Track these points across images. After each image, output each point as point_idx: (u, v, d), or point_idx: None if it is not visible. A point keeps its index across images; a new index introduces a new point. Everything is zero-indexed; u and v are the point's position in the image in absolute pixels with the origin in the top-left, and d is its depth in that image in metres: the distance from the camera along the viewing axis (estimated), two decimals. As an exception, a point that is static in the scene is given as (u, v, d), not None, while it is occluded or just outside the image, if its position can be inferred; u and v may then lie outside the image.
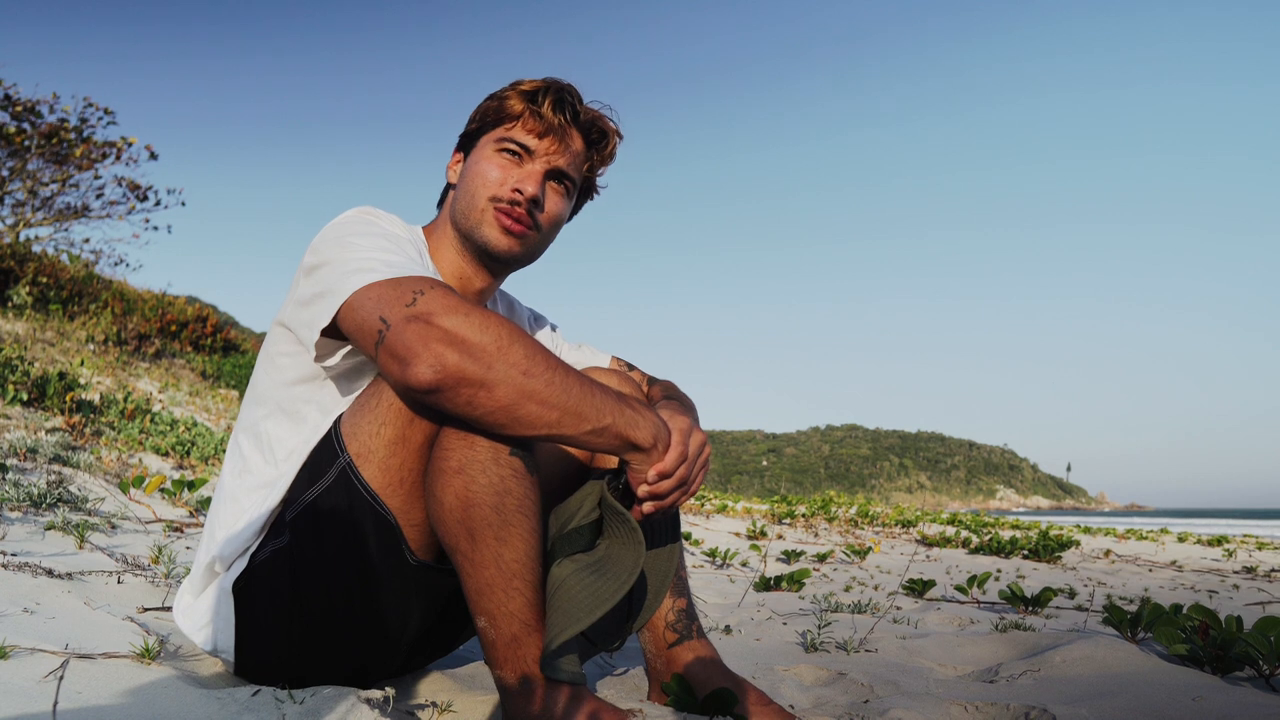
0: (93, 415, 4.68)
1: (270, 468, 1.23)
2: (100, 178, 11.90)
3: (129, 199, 12.20)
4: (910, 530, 8.93)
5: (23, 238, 11.21)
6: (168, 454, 4.46)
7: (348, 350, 1.15)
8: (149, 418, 5.06)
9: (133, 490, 3.19)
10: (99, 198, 12.08)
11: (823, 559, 5.44)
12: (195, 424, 5.41)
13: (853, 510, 9.60)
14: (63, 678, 1.08)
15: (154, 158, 12.17)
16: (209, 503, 3.19)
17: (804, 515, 8.69)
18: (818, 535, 7.72)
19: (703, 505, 8.31)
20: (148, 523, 2.83)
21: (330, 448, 1.14)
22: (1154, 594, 4.49)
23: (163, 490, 3.36)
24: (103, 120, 11.70)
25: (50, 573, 1.71)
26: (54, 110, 11.22)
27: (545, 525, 1.11)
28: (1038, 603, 2.96)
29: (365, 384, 1.22)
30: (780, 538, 7.01)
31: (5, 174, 11.12)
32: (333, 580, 1.15)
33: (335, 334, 1.12)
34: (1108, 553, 8.27)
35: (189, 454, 4.51)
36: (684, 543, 4.98)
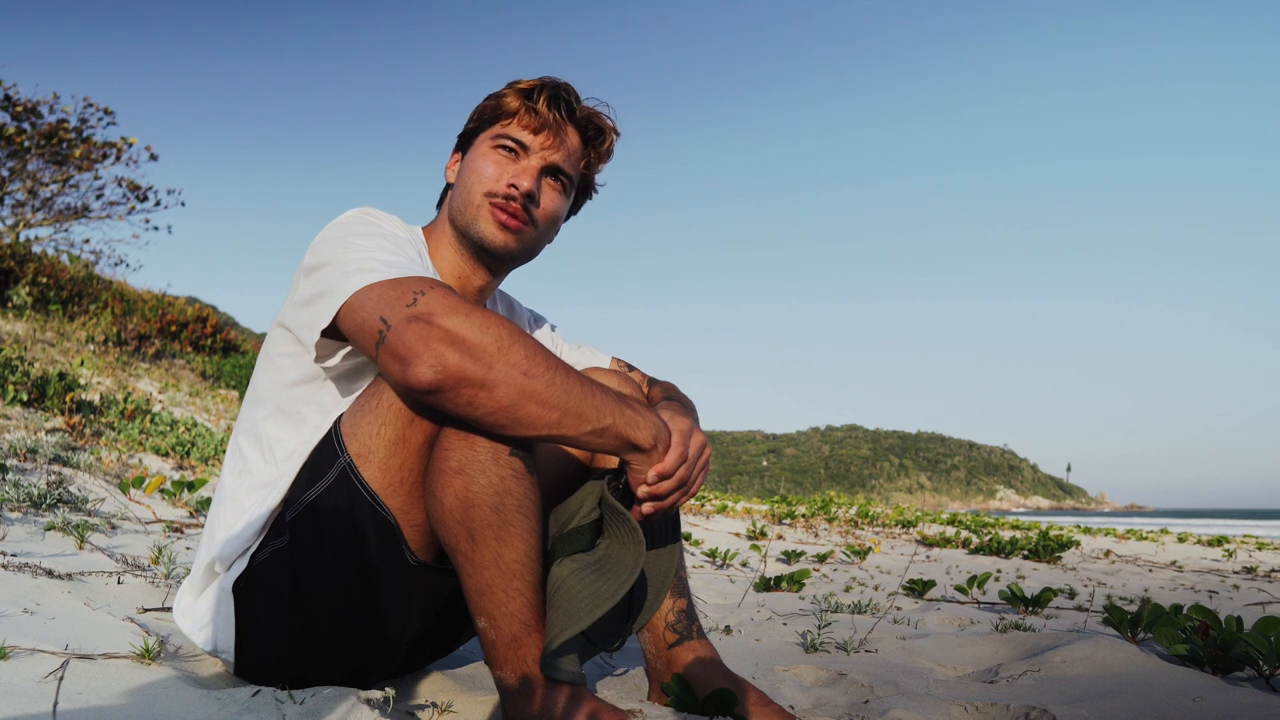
0: (93, 416, 4.68)
1: (270, 468, 1.23)
2: (100, 178, 11.91)
3: (129, 199, 12.21)
4: (910, 531, 8.93)
5: (23, 238, 11.21)
6: (168, 454, 4.46)
7: (348, 351, 1.15)
8: (149, 418, 5.06)
9: (133, 491, 3.19)
10: (99, 198, 12.08)
11: (823, 559, 5.43)
12: (195, 424, 5.41)
13: (853, 511, 9.60)
14: (63, 678, 1.08)
15: (154, 158, 12.18)
16: (209, 503, 3.19)
17: (804, 516, 8.69)
18: (818, 535, 7.71)
19: (703, 505, 8.31)
20: (148, 523, 2.83)
21: (330, 448, 1.14)
22: (1154, 594, 4.49)
23: (163, 491, 3.36)
24: (103, 120, 11.71)
25: (50, 573, 1.71)
26: (54, 110, 11.23)
27: (545, 525, 1.11)
28: (1038, 603, 2.96)
29: (365, 385, 1.22)
30: (780, 538, 7.01)
31: (5, 174, 11.12)
32: (333, 580, 1.15)
33: (335, 334, 1.12)
34: (1108, 553, 8.27)
35: (189, 454, 4.51)
36: (684, 543, 4.98)
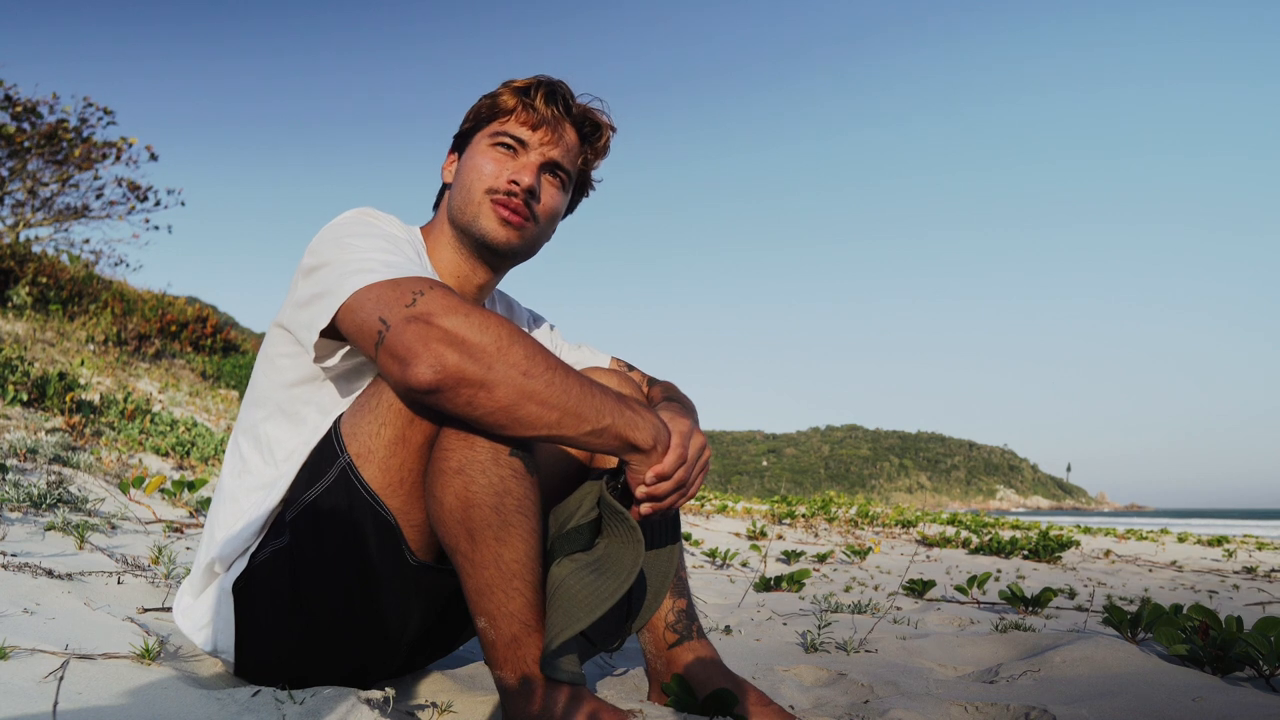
0: (93, 415, 4.68)
1: (270, 468, 1.23)
2: (100, 178, 11.91)
3: (129, 199, 12.21)
4: (910, 530, 8.93)
5: (23, 238, 11.21)
6: (168, 454, 4.46)
7: (347, 351, 1.15)
8: (149, 418, 5.06)
9: (133, 491, 3.19)
10: (99, 198, 12.08)
11: (823, 559, 5.43)
12: (195, 424, 5.41)
13: (853, 510, 9.60)
14: (63, 678, 1.08)
15: (154, 158, 12.18)
16: (209, 503, 3.19)
17: (804, 515, 8.69)
18: (818, 535, 7.71)
19: (703, 505, 8.31)
20: (148, 523, 2.83)
21: (330, 448, 1.14)
22: (1154, 594, 4.49)
23: (163, 491, 3.36)
24: (102, 120, 11.71)
25: (50, 573, 1.71)
26: (54, 110, 11.23)
27: (545, 525, 1.11)
28: (1038, 603, 2.96)
29: (364, 385, 1.22)
30: (780, 538, 7.01)
31: (5, 174, 11.12)
32: (333, 580, 1.15)
33: (334, 335, 1.12)
34: (1108, 553, 8.27)
35: (189, 454, 4.51)
36: (684, 543, 4.98)
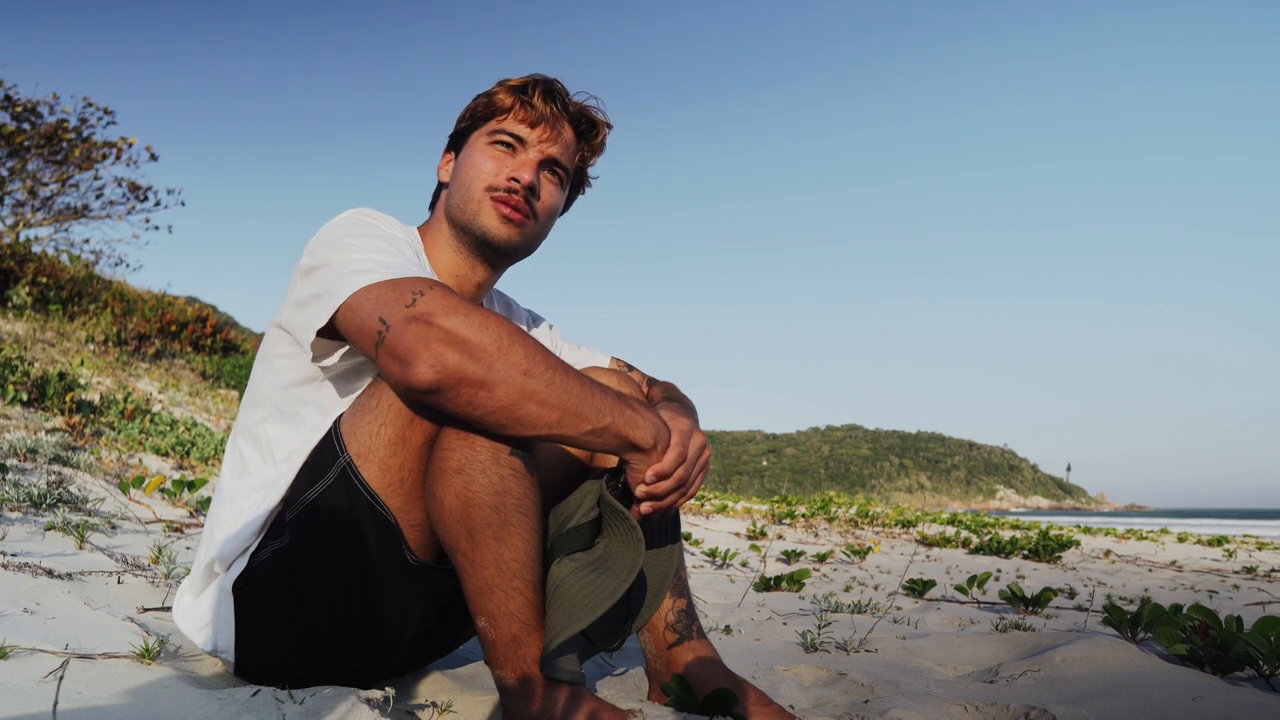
0: (93, 415, 4.68)
1: (269, 469, 1.23)
2: (100, 178, 11.92)
3: (129, 199, 12.21)
4: (910, 530, 8.93)
5: (23, 238, 11.21)
6: (168, 454, 4.46)
7: (346, 350, 1.15)
8: (149, 418, 5.06)
9: (133, 490, 3.19)
10: (99, 198, 12.09)
11: (823, 559, 5.43)
12: (195, 424, 5.41)
13: (853, 510, 9.60)
14: (63, 678, 1.08)
15: (154, 158, 12.19)
16: (209, 503, 3.19)
17: (804, 515, 8.69)
18: (818, 535, 7.71)
19: (703, 505, 8.31)
20: (148, 523, 2.83)
21: (330, 448, 1.14)
22: (1154, 594, 4.49)
23: (163, 490, 3.36)
24: (102, 120, 11.71)
25: (50, 573, 1.71)
26: (54, 110, 11.23)
27: (546, 525, 1.11)
28: (1038, 603, 2.95)
29: (364, 384, 1.22)
30: (780, 538, 7.01)
31: (5, 174, 11.12)
32: (333, 580, 1.15)
33: (331, 335, 1.12)
34: (1108, 553, 8.27)
35: (189, 454, 4.51)
36: (684, 543, 4.97)
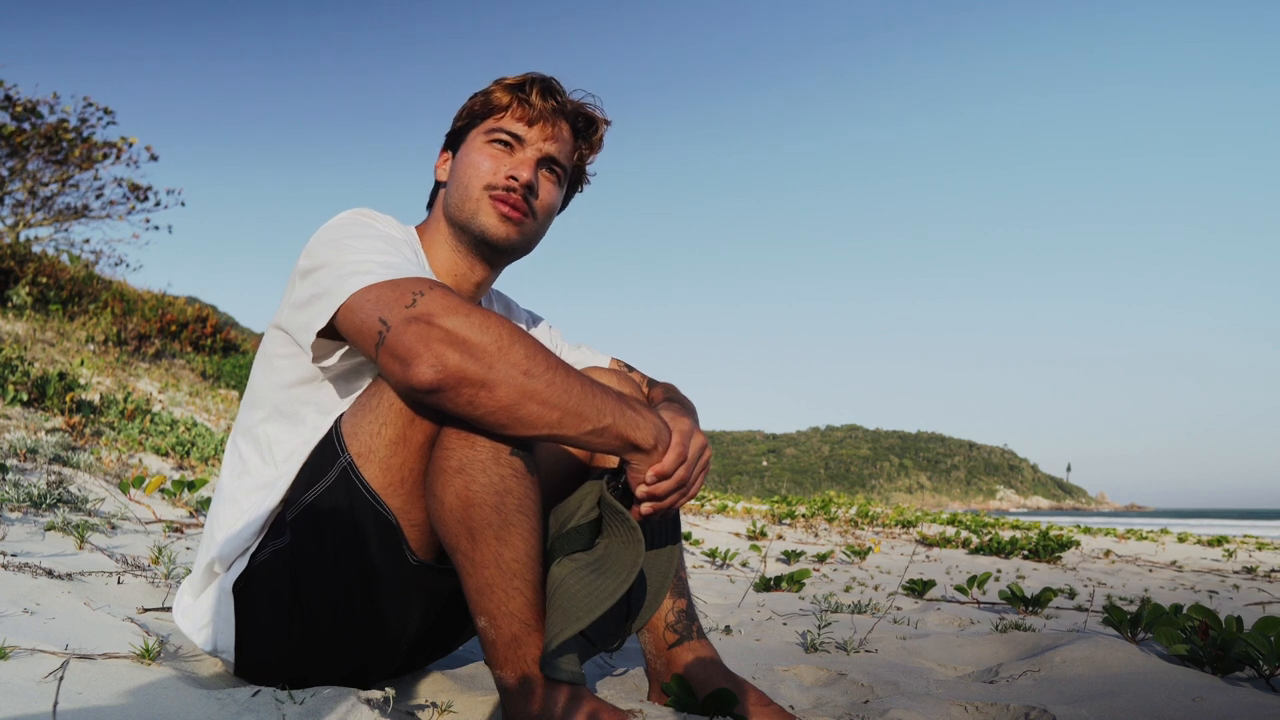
0: (93, 415, 4.68)
1: (269, 469, 1.23)
2: (100, 178, 11.93)
3: (129, 199, 12.22)
4: (910, 530, 8.93)
5: (23, 238, 11.22)
6: (168, 454, 4.46)
7: (346, 350, 1.15)
8: (149, 418, 5.06)
9: (133, 490, 3.19)
10: (99, 198, 12.09)
11: (823, 559, 5.43)
12: (195, 424, 5.41)
13: (853, 510, 9.60)
14: (63, 678, 1.08)
15: (154, 158, 12.19)
16: (209, 503, 3.19)
17: (804, 515, 8.69)
18: (818, 535, 7.71)
19: (703, 505, 8.31)
20: (148, 523, 2.83)
21: (331, 448, 1.14)
22: (1154, 594, 4.49)
23: (163, 491, 3.36)
24: (102, 120, 11.72)
25: (50, 573, 1.71)
26: (54, 110, 11.24)
27: (546, 525, 1.11)
28: (1038, 603, 2.95)
29: (363, 384, 1.22)
30: (780, 538, 7.01)
31: (5, 174, 11.12)
32: (333, 580, 1.15)
33: (330, 335, 1.12)
34: (1108, 553, 8.27)
35: (189, 454, 4.51)
36: (684, 543, 4.98)
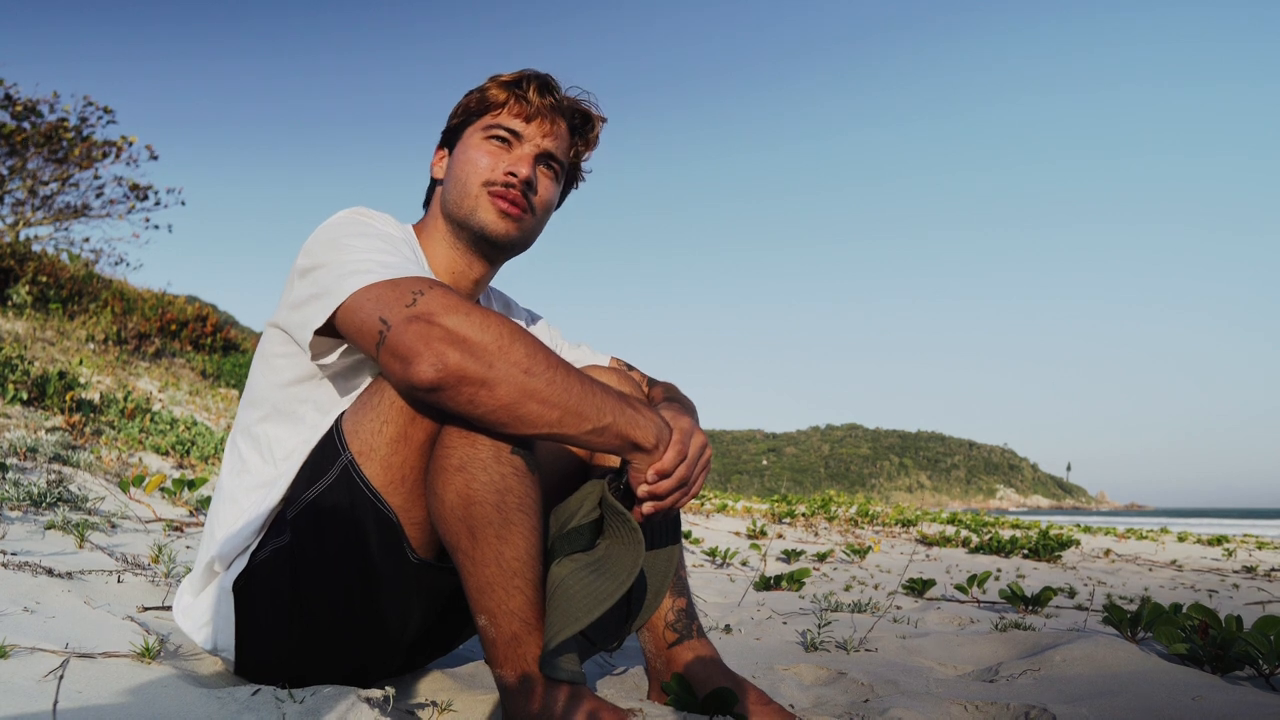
0: (93, 414, 4.68)
1: (269, 468, 1.23)
2: (100, 177, 11.91)
3: (129, 198, 12.21)
4: (910, 530, 8.93)
5: (23, 237, 11.21)
6: (168, 453, 4.46)
7: (344, 348, 1.15)
8: (149, 417, 5.05)
9: (133, 489, 3.19)
10: (99, 197, 12.08)
11: (823, 558, 5.44)
12: (195, 423, 5.41)
13: (853, 510, 9.60)
14: (63, 677, 1.08)
15: (154, 158, 12.18)
16: (209, 502, 3.19)
17: (804, 515, 8.69)
18: (818, 534, 7.71)
19: (703, 505, 8.31)
20: (148, 522, 2.83)
21: (332, 446, 1.14)
22: (1154, 593, 4.49)
23: (163, 489, 3.36)
24: (102, 119, 11.70)
25: (50, 572, 1.71)
26: (54, 110, 11.23)
27: (546, 524, 1.11)
28: (1038, 602, 2.96)
29: (362, 383, 1.23)
30: (780, 537, 7.01)
31: (5, 173, 11.11)
32: (333, 579, 1.15)
33: (328, 333, 1.12)
34: (1108, 552, 8.27)
35: (189, 453, 4.51)
36: (684, 542, 4.98)
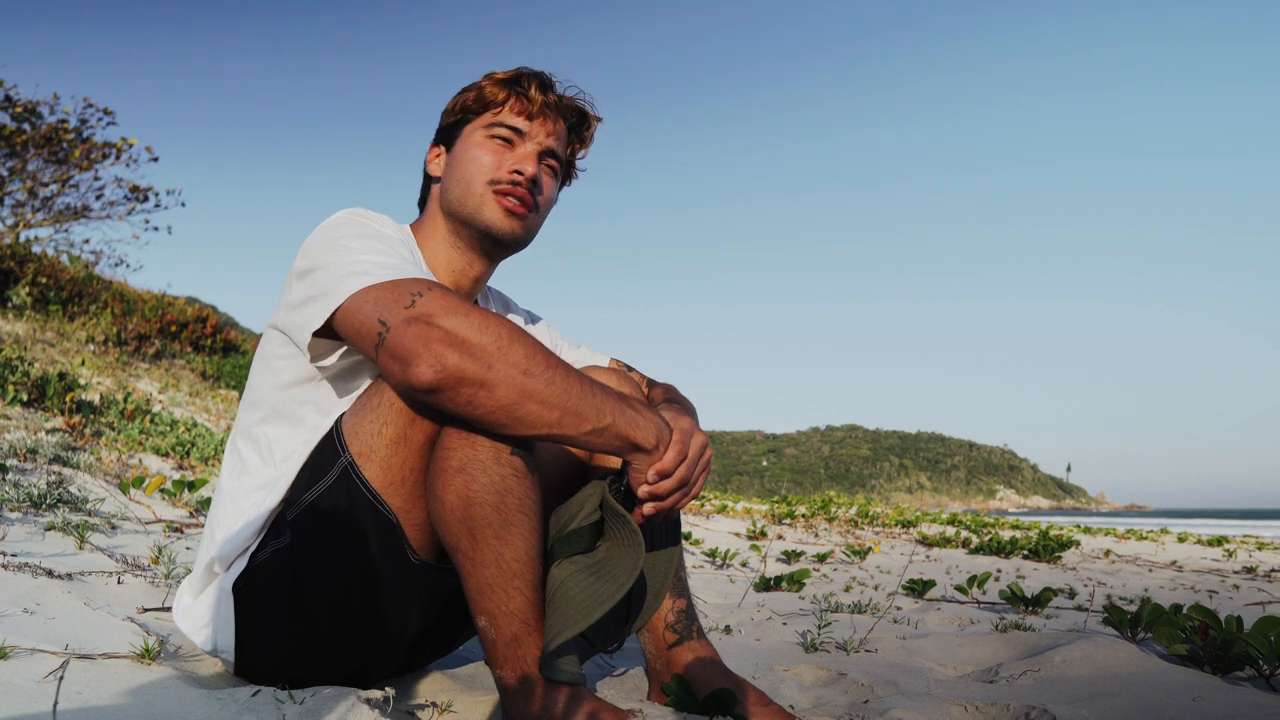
0: (93, 416, 4.68)
1: (269, 469, 1.23)
2: (100, 178, 11.92)
3: (129, 200, 12.21)
4: (910, 530, 8.93)
5: (23, 238, 11.21)
6: (168, 454, 4.46)
7: (344, 350, 1.15)
8: (149, 418, 5.06)
9: (133, 491, 3.19)
10: (99, 198, 12.08)
11: (823, 559, 5.43)
12: (195, 424, 5.41)
13: (853, 510, 9.59)
14: (63, 678, 1.08)
15: (154, 159, 12.18)
16: (209, 503, 3.19)
17: (804, 515, 8.69)
18: (818, 535, 7.71)
19: (703, 505, 8.31)
20: (148, 523, 2.83)
21: (331, 447, 1.14)
22: (1154, 594, 4.49)
23: (163, 491, 3.36)
24: (102, 121, 11.71)
25: (50, 573, 1.71)
26: (54, 111, 11.23)
27: (546, 525, 1.11)
28: (1038, 603, 2.95)
29: (362, 384, 1.23)
30: (780, 538, 7.01)
31: (5, 174, 11.12)
32: (333, 580, 1.15)
33: (327, 335, 1.12)
34: (1108, 553, 8.27)
35: (189, 454, 4.51)
36: (684, 543, 4.98)
